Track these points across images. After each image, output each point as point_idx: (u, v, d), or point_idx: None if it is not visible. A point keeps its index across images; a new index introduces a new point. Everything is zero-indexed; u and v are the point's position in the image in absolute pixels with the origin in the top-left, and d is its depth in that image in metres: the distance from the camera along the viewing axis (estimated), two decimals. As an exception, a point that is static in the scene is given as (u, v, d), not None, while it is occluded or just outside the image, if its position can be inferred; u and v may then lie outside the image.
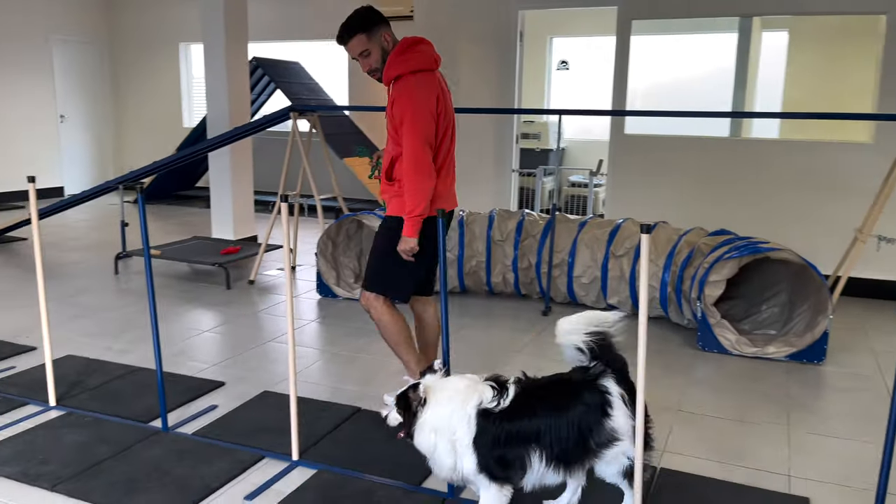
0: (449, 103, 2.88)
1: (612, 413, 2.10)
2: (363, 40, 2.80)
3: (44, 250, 2.90)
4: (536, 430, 2.10)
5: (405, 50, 2.79)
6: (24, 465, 2.56)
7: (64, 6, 9.50)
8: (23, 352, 3.76)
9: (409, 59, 2.76)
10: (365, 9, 2.85)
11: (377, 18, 2.83)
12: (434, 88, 2.73)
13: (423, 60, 2.77)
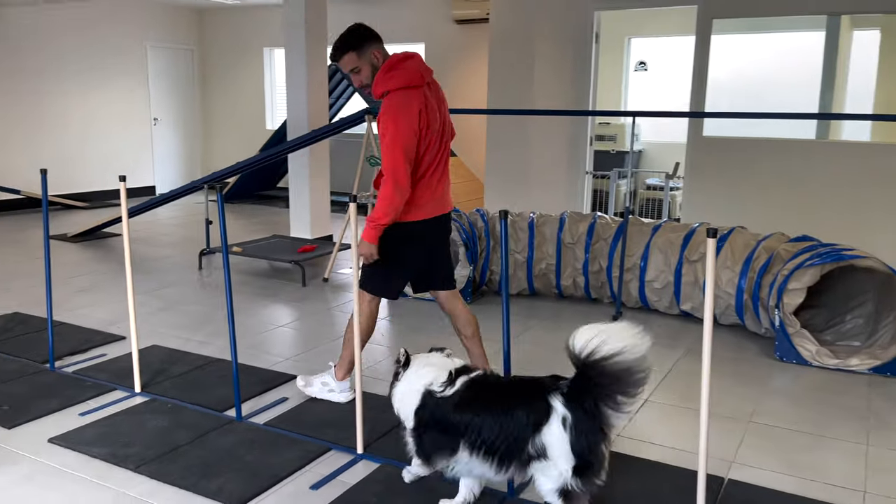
0: (440, 114, 2.98)
1: (545, 430, 2.08)
2: (353, 58, 2.93)
3: (135, 246, 3.11)
4: (466, 424, 2.17)
5: (392, 67, 2.89)
6: (112, 447, 2.73)
7: (159, 15, 10.02)
8: (113, 341, 4.00)
9: (395, 76, 2.86)
10: (356, 26, 2.98)
11: (367, 36, 2.95)
12: (417, 104, 2.83)
13: (408, 77, 2.87)
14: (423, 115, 2.85)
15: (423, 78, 2.92)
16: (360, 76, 2.98)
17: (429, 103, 2.90)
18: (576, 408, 2.08)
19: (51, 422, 2.97)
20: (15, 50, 8.41)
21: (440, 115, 3.01)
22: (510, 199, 6.79)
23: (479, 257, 4.90)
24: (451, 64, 8.98)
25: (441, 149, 3.01)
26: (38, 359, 3.66)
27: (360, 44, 2.93)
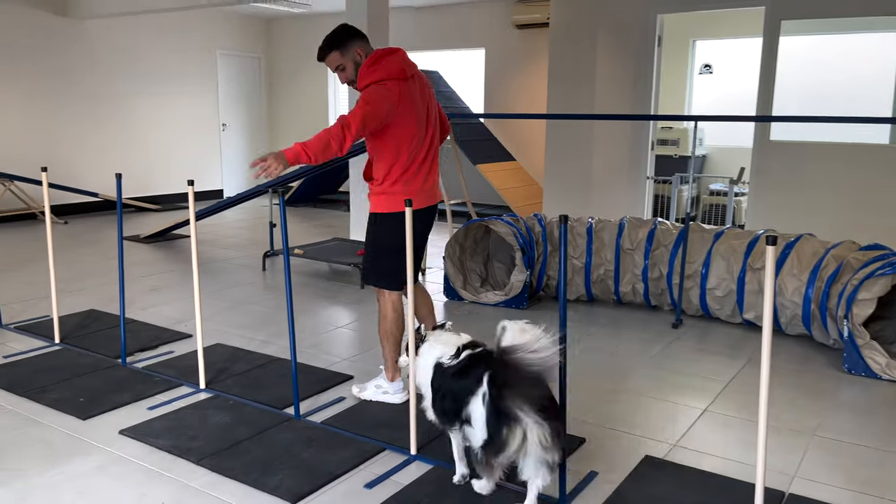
0: (426, 108, 3.10)
1: (471, 400, 2.31)
2: (337, 56, 3.07)
3: (202, 247, 3.24)
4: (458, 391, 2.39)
5: (375, 61, 3.01)
6: (176, 440, 2.85)
7: (229, 24, 10.37)
8: (180, 338, 4.16)
9: (377, 70, 2.97)
10: (339, 27, 3.11)
11: (350, 35, 3.08)
12: (395, 96, 2.93)
13: (390, 70, 2.97)
14: (400, 106, 2.94)
15: (405, 72, 3.01)
16: (346, 73, 3.10)
17: (411, 95, 3.00)
18: (493, 387, 2.26)
19: (122, 414, 3.12)
20: (96, 60, 8.85)
21: (426, 109, 3.10)
22: (569, 203, 6.74)
23: (536, 262, 4.89)
24: (511, 69, 8.98)
25: (427, 142, 3.10)
26: (111, 354, 3.84)
27: (344, 42, 3.06)
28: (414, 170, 3.08)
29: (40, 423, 3.01)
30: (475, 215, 5.65)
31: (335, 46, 3.07)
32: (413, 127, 3.02)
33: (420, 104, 3.06)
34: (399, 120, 2.98)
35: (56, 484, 2.52)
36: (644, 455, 2.81)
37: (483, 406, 2.26)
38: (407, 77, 3.01)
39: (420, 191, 3.10)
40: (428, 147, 3.12)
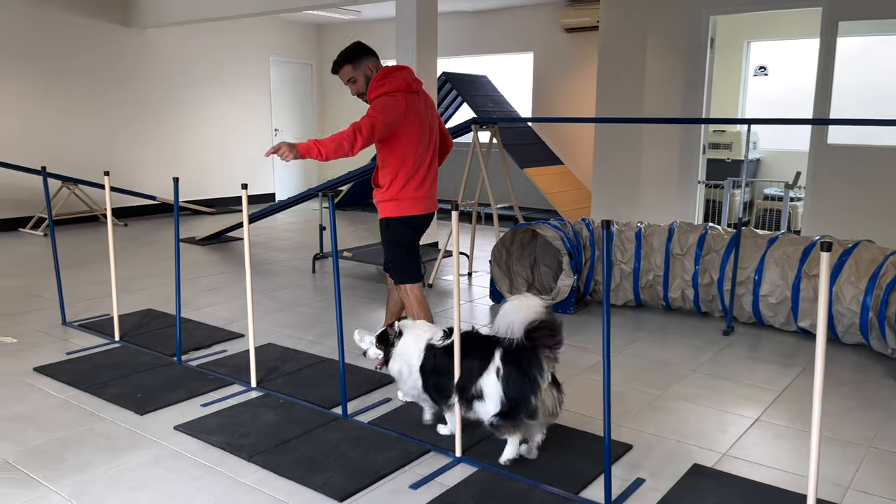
0: (428, 121, 3.37)
1: (484, 374, 2.59)
2: (350, 70, 3.38)
3: (254, 250, 3.33)
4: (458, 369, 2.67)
5: (384, 76, 3.30)
6: (229, 436, 2.93)
7: (282, 31, 10.60)
8: (233, 338, 4.27)
9: (385, 84, 3.27)
10: (353, 44, 3.42)
11: (363, 51, 3.39)
12: (402, 106, 3.22)
13: (397, 84, 3.26)
14: (407, 116, 3.23)
15: (412, 86, 3.30)
16: (357, 85, 3.41)
17: (416, 107, 3.29)
18: (509, 363, 2.55)
19: (177, 410, 3.22)
20: (155, 67, 9.16)
21: (432, 124, 3.41)
22: (618, 208, 6.67)
23: (584, 267, 4.86)
24: (559, 72, 8.95)
25: (430, 151, 3.40)
26: (167, 352, 3.97)
27: (357, 57, 3.37)
28: (420, 177, 3.34)
29: (101, 418, 3.13)
30: (522, 219, 5.64)
31: (349, 61, 3.37)
32: (417, 136, 3.29)
33: (424, 117, 3.34)
34: (405, 129, 3.24)
35: (115, 476, 2.63)
36: (693, 463, 2.77)
37: (498, 380, 2.55)
38: (413, 91, 3.30)
39: (426, 197, 3.39)
40: (430, 157, 3.40)
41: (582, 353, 4.06)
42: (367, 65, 3.37)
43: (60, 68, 8.25)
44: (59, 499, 2.47)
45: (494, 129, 5.46)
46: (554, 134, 9.08)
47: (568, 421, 3.13)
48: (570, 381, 3.63)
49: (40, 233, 7.82)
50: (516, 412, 2.56)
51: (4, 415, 3.15)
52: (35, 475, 2.63)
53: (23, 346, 4.10)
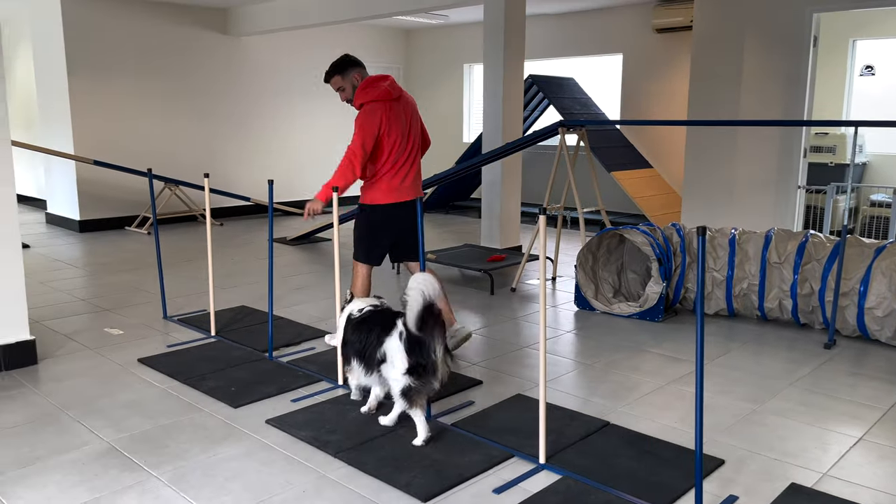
0: (408, 122, 3.92)
1: (387, 339, 2.91)
2: (339, 79, 3.94)
3: (341, 250, 3.40)
4: (357, 339, 3.06)
5: (366, 86, 3.84)
6: (316, 432, 3.01)
7: (370, 36, 10.82)
8: (321, 335, 4.39)
9: (368, 93, 3.82)
10: (342, 57, 3.99)
11: (350, 63, 3.95)
12: (380, 114, 3.76)
13: (378, 94, 3.80)
14: (385, 122, 3.77)
15: (391, 94, 3.82)
16: (345, 93, 3.97)
17: (394, 113, 3.82)
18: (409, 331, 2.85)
19: (268, 404, 3.34)
20: (250, 74, 9.53)
21: (408, 123, 3.92)
22: (710, 213, 6.45)
23: (674, 274, 4.72)
24: (650, 74, 8.73)
25: (408, 149, 3.92)
26: (260, 348, 4.12)
27: (345, 68, 3.93)
28: (395, 170, 3.87)
29: (198, 409, 3.28)
30: (609, 224, 5.53)
31: (338, 71, 3.94)
32: (394, 137, 3.82)
33: (403, 119, 3.88)
34: (385, 133, 3.79)
35: (211, 465, 2.75)
36: (790, 483, 2.64)
37: (401, 342, 2.86)
38: (392, 98, 3.83)
39: (399, 187, 3.89)
40: (409, 153, 3.93)
41: (671, 363, 3.94)
42: (353, 75, 3.93)
43: (164, 75, 8.71)
44: (160, 483, 2.60)
45: (582, 131, 5.38)
46: (643, 137, 8.87)
47: (656, 431, 3.05)
48: (658, 390, 3.53)
49: (144, 231, 8.27)
50: (421, 372, 2.83)
51: (113, 403, 3.35)
52: (137, 460, 2.78)
53: (129, 337, 4.35)
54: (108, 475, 2.66)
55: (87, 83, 8.10)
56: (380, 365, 2.94)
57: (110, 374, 3.72)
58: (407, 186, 3.93)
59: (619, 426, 3.09)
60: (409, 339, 2.83)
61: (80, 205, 8.24)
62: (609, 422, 3.13)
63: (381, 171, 3.86)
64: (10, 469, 2.71)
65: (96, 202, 8.35)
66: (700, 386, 2.25)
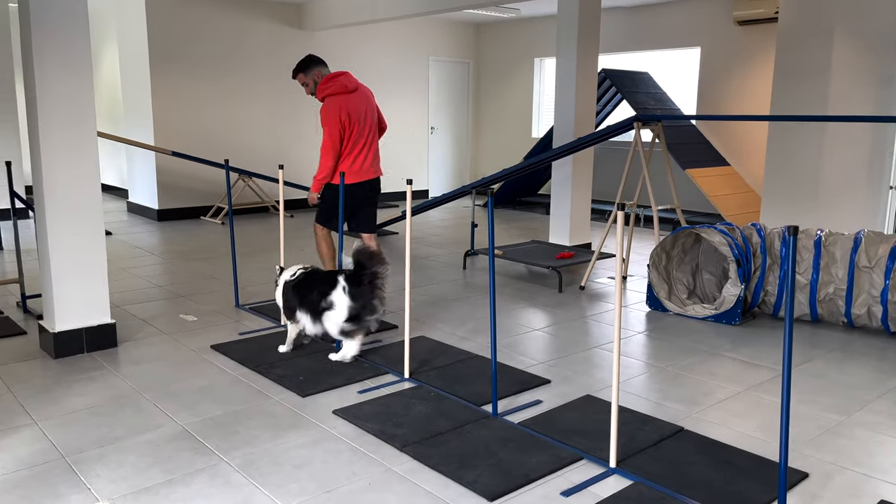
0: (366, 112, 4.52)
1: (333, 292, 3.65)
2: (302, 76, 4.56)
3: (412, 244, 3.41)
4: (300, 295, 3.77)
5: (326, 81, 4.46)
6: (382, 425, 3.01)
7: (441, 30, 10.82)
8: (387, 329, 4.40)
9: (328, 87, 4.44)
10: (306, 56, 4.57)
11: (313, 62, 4.54)
12: (341, 107, 4.38)
13: (336, 88, 4.42)
14: (344, 112, 4.38)
15: (347, 87, 4.44)
16: (308, 87, 4.57)
17: (351, 104, 4.42)
18: (351, 282, 3.67)
19: (335, 395, 3.36)
20: (322, 68, 9.67)
21: (365, 112, 4.50)
22: (792, 213, 6.16)
23: (753, 276, 4.52)
24: (729, 68, 8.41)
25: (365, 134, 4.52)
26: (329, 339, 4.16)
27: (308, 67, 4.53)
28: (354, 155, 4.49)
29: (267, 396, 3.33)
30: (684, 222, 5.35)
31: (302, 69, 4.55)
32: (353, 125, 4.43)
33: (360, 109, 4.47)
34: (346, 121, 4.40)
35: (279, 453, 2.77)
36: (879, 500, 2.47)
37: (345, 294, 3.64)
38: (349, 91, 4.44)
39: (359, 170, 4.52)
40: (366, 138, 4.53)
41: (748, 369, 3.77)
42: (315, 73, 4.52)
43: (240, 69, 8.92)
44: (230, 469, 2.64)
45: (658, 126, 5.22)
46: (720, 134, 8.56)
47: (732, 439, 2.92)
48: (735, 397, 3.38)
49: (219, 221, 8.50)
50: (361, 315, 3.67)
51: (187, 387, 3.43)
52: (209, 444, 2.83)
53: (202, 324, 4.46)
54: (180, 458, 2.72)
55: (168, 77, 8.38)
56: (323, 313, 3.66)
57: (185, 360, 3.82)
58: (366, 168, 4.57)
59: (694, 432, 2.97)
60: (351, 292, 3.63)
61: (159, 195, 8.53)
62: (683, 427, 3.02)
63: (343, 155, 4.49)
64: (90, 447, 2.80)
65: (174, 192, 8.63)
66: (787, 394, 2.13)
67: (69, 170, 3.72)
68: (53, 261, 3.75)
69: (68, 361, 3.75)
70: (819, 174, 6.08)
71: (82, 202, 3.79)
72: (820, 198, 6.07)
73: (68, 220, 3.76)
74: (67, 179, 3.73)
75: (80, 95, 3.71)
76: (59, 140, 3.68)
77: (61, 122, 3.67)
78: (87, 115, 3.74)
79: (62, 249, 3.77)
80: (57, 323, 3.79)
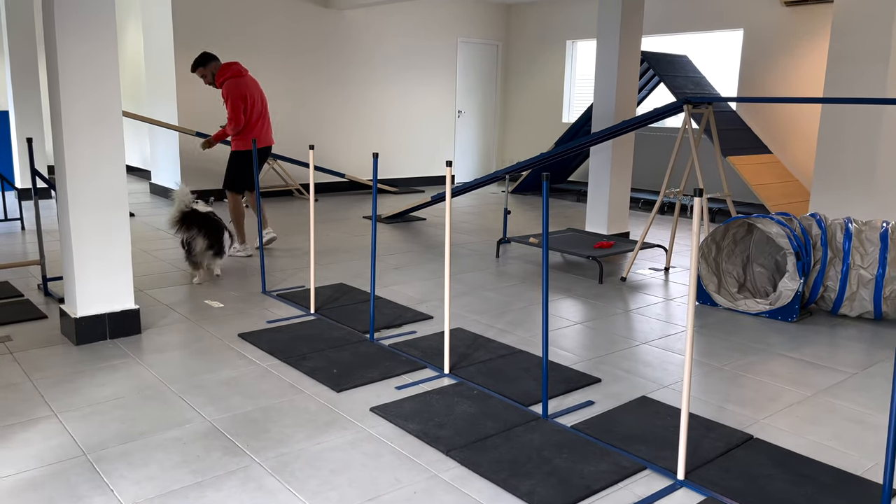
0: (255, 91, 5.59)
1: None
2: (202, 70, 5.57)
3: (435, 230, 3.16)
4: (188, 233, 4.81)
5: (223, 69, 5.51)
6: (424, 425, 2.79)
7: (471, 11, 10.51)
8: (422, 319, 4.18)
9: (224, 73, 5.51)
10: (202, 53, 5.56)
11: (210, 58, 5.56)
12: (238, 85, 5.47)
13: (232, 72, 5.49)
14: (244, 89, 5.47)
15: (241, 72, 5.52)
16: (206, 78, 5.60)
17: (245, 85, 5.50)
18: None
19: (371, 390, 3.15)
20: (350, 48, 9.42)
21: (257, 92, 5.60)
22: (844, 203, 5.84)
23: (812, 270, 4.24)
24: (775, 52, 8.05)
25: (259, 109, 5.60)
26: (360, 328, 3.95)
27: (207, 62, 5.55)
28: (251, 126, 5.56)
29: (300, 391, 3.12)
30: (735, 212, 5.06)
31: (201, 64, 5.56)
32: (250, 102, 5.52)
33: (252, 89, 5.55)
34: (248, 97, 5.49)
35: (315, 455, 2.57)
36: (982, 525, 2.22)
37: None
38: (243, 74, 5.52)
39: (260, 137, 5.64)
40: (260, 113, 5.62)
41: (813, 370, 3.51)
42: (212, 66, 5.55)
43: (265, 49, 8.69)
44: (263, 472, 2.44)
45: (708, 109, 4.93)
46: (763, 120, 8.21)
47: (806, 449, 2.67)
48: (804, 401, 3.13)
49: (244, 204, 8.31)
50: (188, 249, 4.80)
51: (214, 379, 3.24)
52: (240, 444, 2.63)
53: (228, 311, 4.27)
54: (210, 458, 2.53)
55: (193, 55, 8.17)
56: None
57: (211, 348, 3.62)
58: (263, 136, 5.67)
59: (765, 441, 2.72)
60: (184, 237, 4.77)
61: (182, 176, 8.36)
62: (752, 435, 2.77)
63: (246, 128, 5.53)
64: (113, 443, 2.61)
65: (197, 174, 8.45)
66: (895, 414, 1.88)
67: (92, 147, 3.53)
68: (75, 243, 3.56)
69: (90, 348, 3.57)
70: (875, 162, 5.76)
71: (106, 182, 3.59)
72: (875, 187, 5.75)
73: (91, 200, 3.57)
74: (91, 157, 3.53)
75: (104, 69, 3.50)
76: (83, 117, 3.48)
77: (84, 98, 3.47)
78: (111, 90, 3.53)
79: (85, 231, 3.58)
80: (79, 308, 3.61)
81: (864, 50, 5.70)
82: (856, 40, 5.76)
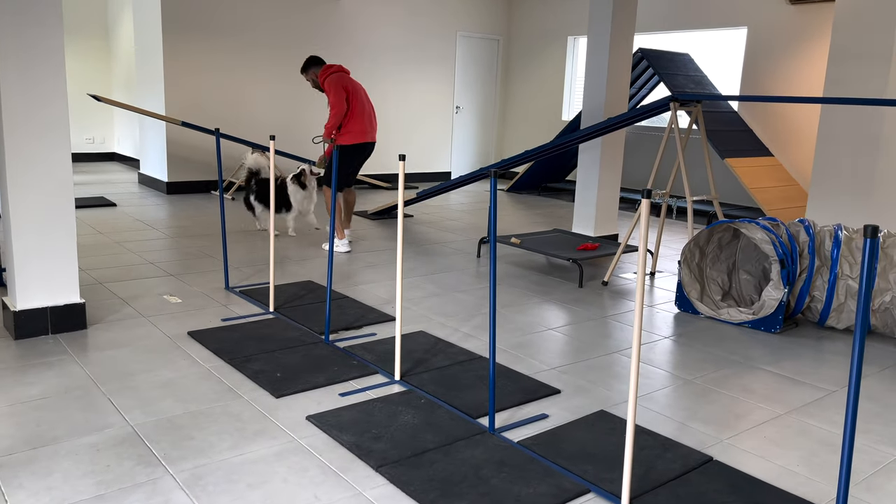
0: (359, 87, 5.59)
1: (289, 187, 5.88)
2: (305, 76, 5.69)
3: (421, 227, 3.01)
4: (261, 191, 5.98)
5: (326, 68, 5.54)
6: (359, 437, 2.60)
7: (471, 5, 10.29)
8: (385, 320, 3.99)
9: (327, 70, 5.53)
10: (310, 57, 5.67)
11: (309, 64, 5.67)
12: (342, 79, 5.48)
13: (335, 69, 5.52)
14: (348, 85, 5.48)
15: (342, 69, 5.54)
16: (312, 81, 5.67)
17: (348, 81, 5.51)
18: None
19: (313, 396, 2.96)
20: (347, 37, 9.23)
21: (361, 90, 5.58)
22: (843, 209, 5.59)
23: (798, 279, 4.01)
24: (779, 51, 7.79)
25: (363, 103, 5.58)
26: (317, 329, 3.77)
27: (305, 69, 5.65)
28: (356, 119, 5.52)
29: (237, 395, 2.95)
30: (722, 216, 4.84)
31: (302, 71, 5.68)
32: (355, 95, 5.51)
33: (355, 84, 5.54)
34: (352, 91, 5.50)
35: (235, 467, 2.38)
36: (954, 567, 2.00)
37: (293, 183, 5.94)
38: (345, 71, 5.56)
39: (363, 132, 5.56)
40: (362, 108, 5.55)
41: (791, 386, 3.29)
42: (312, 71, 5.64)
43: (257, 37, 8.52)
44: (174, 485, 2.26)
45: (697, 108, 4.70)
46: (765, 121, 7.95)
47: (771, 475, 2.45)
48: (775, 420, 2.91)
49: (229, 196, 8.16)
50: None
51: (150, 380, 3.07)
52: (157, 452, 2.45)
53: (185, 307, 4.10)
54: (120, 468, 2.35)
55: (182, 44, 8.02)
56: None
57: (157, 347, 3.45)
58: (365, 128, 5.58)
59: (725, 464, 2.51)
60: None
61: (169, 167, 8.21)
62: (712, 457, 2.56)
63: (347, 120, 5.51)
64: (21, 448, 2.44)
65: (185, 164, 8.31)
66: (850, 437, 1.67)
67: (35, 129, 3.36)
68: (14, 231, 3.40)
69: (28, 344, 3.41)
70: (874, 168, 5.51)
71: (49, 167, 3.42)
72: (875, 193, 5.50)
73: (32, 184, 3.40)
74: (33, 139, 3.36)
75: (45, 40, 3.33)
76: (22, 92, 3.31)
77: (24, 70, 3.30)
78: (54, 63, 3.36)
79: (24, 218, 3.41)
80: (18, 301, 3.45)
81: (867, 49, 5.45)
82: (857, 38, 5.51)
